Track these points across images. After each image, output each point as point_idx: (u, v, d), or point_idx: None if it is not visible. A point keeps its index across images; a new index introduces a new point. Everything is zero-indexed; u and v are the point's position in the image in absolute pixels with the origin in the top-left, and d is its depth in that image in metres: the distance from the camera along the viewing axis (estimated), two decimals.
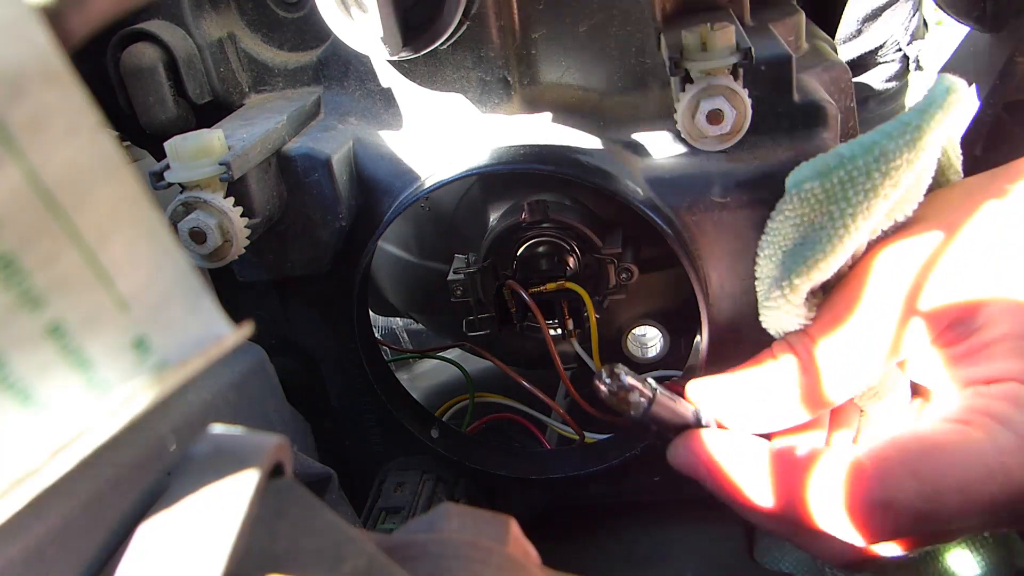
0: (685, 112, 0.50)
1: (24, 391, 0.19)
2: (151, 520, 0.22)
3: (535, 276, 0.60)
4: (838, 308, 0.46)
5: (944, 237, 0.45)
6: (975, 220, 0.45)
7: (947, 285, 0.44)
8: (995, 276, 0.43)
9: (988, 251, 0.44)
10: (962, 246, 0.44)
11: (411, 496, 0.58)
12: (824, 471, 0.43)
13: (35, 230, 0.18)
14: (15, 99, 0.17)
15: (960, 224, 0.45)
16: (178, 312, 0.20)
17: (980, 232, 0.44)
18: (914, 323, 0.44)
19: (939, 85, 0.45)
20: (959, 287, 0.44)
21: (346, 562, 0.24)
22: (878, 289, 0.45)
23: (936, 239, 0.45)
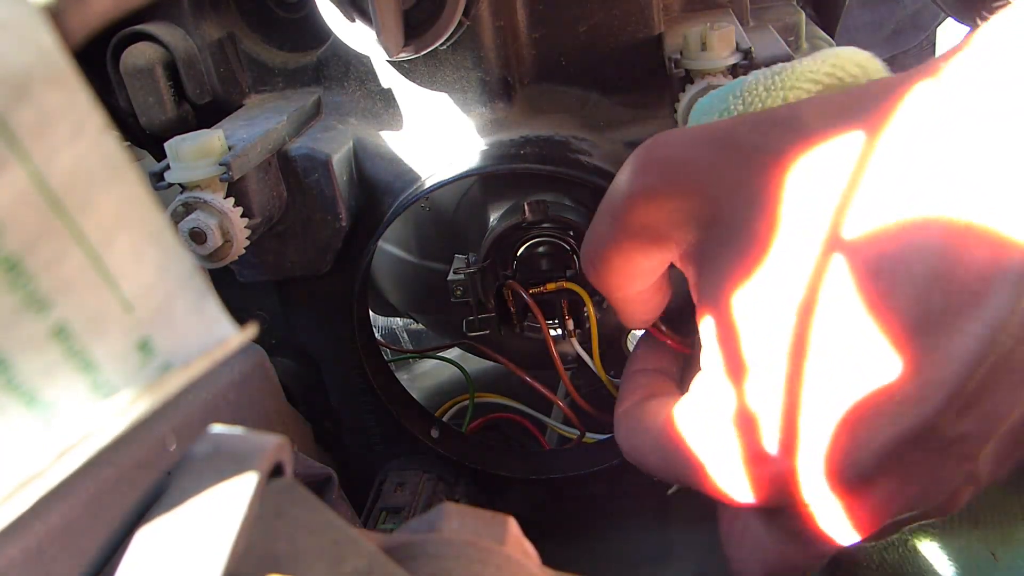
0: (685, 112, 0.50)
1: (29, 393, 0.19)
2: (151, 520, 0.22)
3: (535, 276, 0.60)
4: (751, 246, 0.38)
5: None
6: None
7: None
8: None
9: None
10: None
11: (411, 496, 0.58)
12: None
13: (40, 232, 0.18)
14: (20, 101, 0.17)
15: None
16: (182, 314, 0.20)
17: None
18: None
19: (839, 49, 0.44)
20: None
21: (346, 562, 0.24)
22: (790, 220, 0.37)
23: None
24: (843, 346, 0.34)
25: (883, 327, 0.33)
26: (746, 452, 0.37)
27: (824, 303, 0.34)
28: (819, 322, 0.34)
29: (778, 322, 0.36)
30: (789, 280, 0.36)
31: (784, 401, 0.36)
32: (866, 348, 0.33)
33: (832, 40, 0.64)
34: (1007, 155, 0.30)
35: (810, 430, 0.35)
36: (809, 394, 0.35)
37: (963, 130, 0.32)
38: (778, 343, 0.36)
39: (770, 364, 0.36)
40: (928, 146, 0.33)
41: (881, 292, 0.33)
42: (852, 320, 0.34)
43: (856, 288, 0.34)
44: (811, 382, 0.35)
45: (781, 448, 0.36)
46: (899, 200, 0.33)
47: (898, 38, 1.42)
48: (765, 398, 0.36)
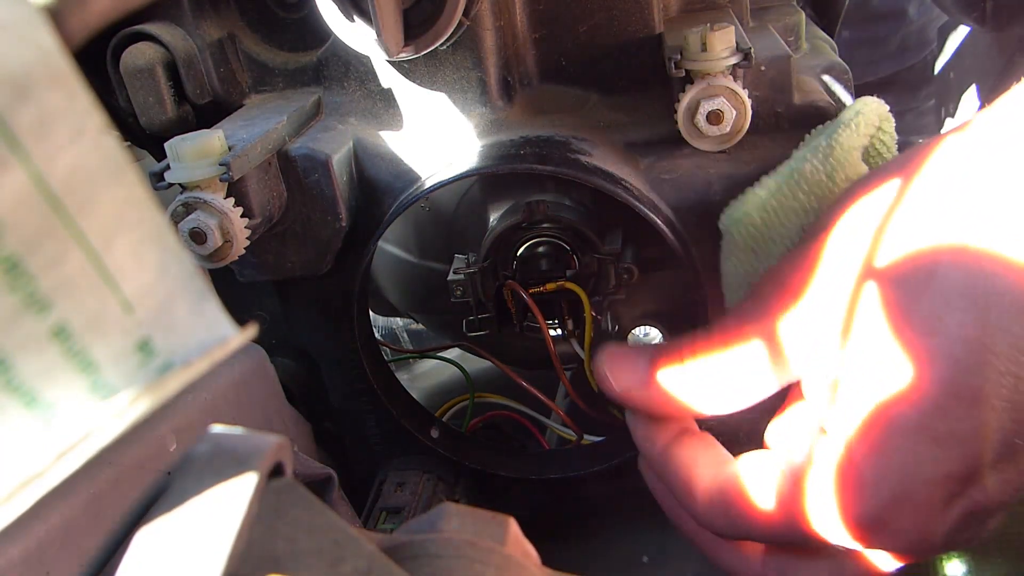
0: (685, 112, 0.50)
1: (29, 393, 0.19)
2: (151, 520, 0.22)
3: (535, 276, 0.61)
4: (794, 280, 0.43)
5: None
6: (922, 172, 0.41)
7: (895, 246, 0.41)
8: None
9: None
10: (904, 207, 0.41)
11: (411, 496, 0.59)
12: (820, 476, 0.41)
13: (40, 233, 0.18)
14: (21, 101, 0.17)
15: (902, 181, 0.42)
16: (182, 314, 0.20)
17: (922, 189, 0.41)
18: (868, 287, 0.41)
19: (849, 108, 0.50)
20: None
21: (346, 562, 0.24)
22: (832, 258, 0.42)
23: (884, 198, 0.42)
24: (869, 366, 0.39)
25: (908, 350, 0.37)
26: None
27: (859, 326, 0.39)
28: (853, 345, 0.39)
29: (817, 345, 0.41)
30: (830, 307, 0.41)
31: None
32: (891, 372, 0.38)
33: (832, 40, 0.64)
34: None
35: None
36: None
37: (990, 170, 0.37)
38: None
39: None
40: (957, 184, 0.38)
41: (914, 314, 0.38)
42: (880, 342, 0.38)
43: (887, 311, 0.38)
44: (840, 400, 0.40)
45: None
46: (930, 232, 0.38)
47: (903, 54, 1.41)
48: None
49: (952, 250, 0.38)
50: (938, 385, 0.37)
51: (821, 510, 0.40)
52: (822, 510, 0.40)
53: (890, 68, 1.40)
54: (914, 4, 1.37)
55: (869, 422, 0.39)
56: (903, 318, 0.38)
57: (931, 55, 1.46)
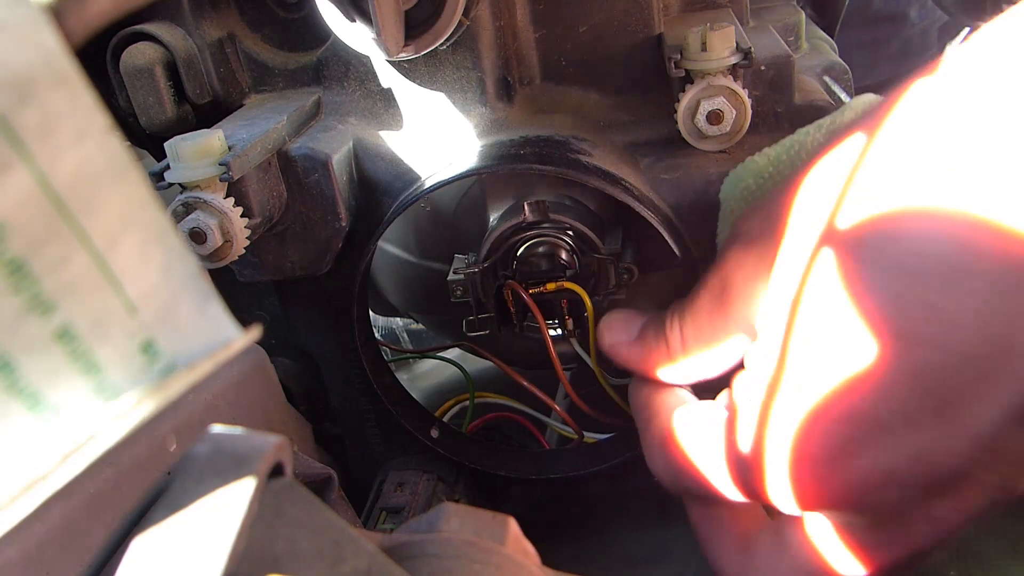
0: (685, 112, 0.50)
1: (33, 395, 0.19)
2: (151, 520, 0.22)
3: (535, 276, 0.60)
4: (753, 243, 0.41)
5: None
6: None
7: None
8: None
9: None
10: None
11: (411, 496, 0.58)
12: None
13: (45, 234, 0.18)
14: (25, 103, 0.17)
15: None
16: (186, 316, 0.20)
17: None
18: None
19: (855, 100, 0.49)
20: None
21: (346, 562, 0.24)
22: (792, 218, 0.39)
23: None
24: (826, 335, 0.34)
25: (865, 318, 0.32)
26: (727, 442, 0.39)
27: (812, 296, 0.34)
28: (806, 314, 0.35)
29: (774, 317, 0.37)
30: (786, 277, 0.36)
31: (766, 393, 0.36)
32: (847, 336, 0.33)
33: (832, 40, 0.64)
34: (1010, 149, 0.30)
35: (778, 421, 0.35)
36: (786, 386, 0.35)
37: (962, 124, 0.32)
38: (770, 339, 0.37)
39: (761, 358, 0.37)
40: (924, 139, 0.33)
41: (869, 284, 0.33)
42: (836, 310, 0.33)
43: (842, 279, 0.33)
44: (790, 373, 0.35)
45: (754, 441, 0.37)
46: (889, 197, 0.33)
47: (904, 57, 1.41)
48: (751, 391, 0.38)
49: (919, 214, 0.32)
50: (896, 371, 0.32)
51: (762, 476, 0.37)
52: (766, 477, 0.37)
53: (891, 71, 1.40)
54: (916, 7, 1.37)
55: (816, 405, 0.34)
56: (860, 289, 0.33)
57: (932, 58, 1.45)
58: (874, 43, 1.38)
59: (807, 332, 0.35)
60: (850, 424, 0.33)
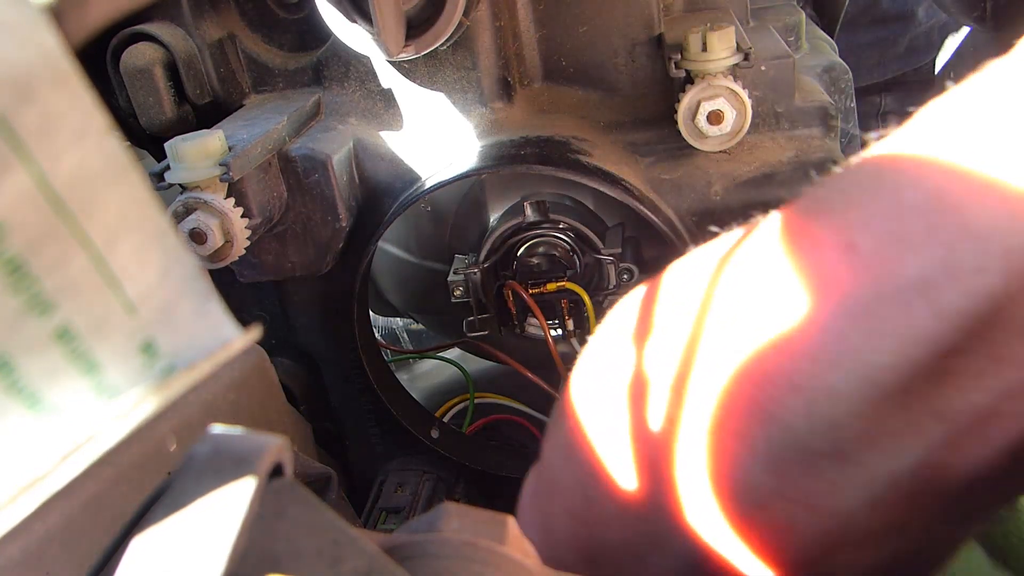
0: (686, 113, 0.50)
1: (33, 395, 0.19)
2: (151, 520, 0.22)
3: (535, 276, 0.61)
4: None
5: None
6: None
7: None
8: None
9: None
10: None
11: (411, 496, 0.59)
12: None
13: (44, 234, 0.18)
14: (24, 103, 0.17)
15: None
16: (186, 315, 0.20)
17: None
18: None
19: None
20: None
21: (346, 562, 0.24)
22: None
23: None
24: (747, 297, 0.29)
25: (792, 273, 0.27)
26: (633, 420, 0.31)
27: (736, 258, 0.30)
28: (726, 279, 0.30)
29: (692, 281, 0.32)
30: (715, 243, 0.32)
31: (679, 364, 0.30)
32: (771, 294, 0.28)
33: (832, 40, 0.64)
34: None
35: (695, 396, 0.29)
36: (704, 354, 0.29)
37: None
38: (685, 301, 0.31)
39: (674, 322, 0.31)
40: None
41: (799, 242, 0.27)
42: (761, 270, 0.29)
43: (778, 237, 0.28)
44: (708, 341, 0.29)
45: (666, 417, 0.30)
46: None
47: (911, 55, 1.41)
48: (661, 361, 0.31)
49: (875, 225, 0.26)
50: (829, 328, 0.26)
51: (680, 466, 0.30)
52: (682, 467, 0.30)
53: (898, 69, 1.40)
54: (923, 6, 1.38)
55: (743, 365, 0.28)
56: (803, 233, 0.28)
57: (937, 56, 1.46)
58: (882, 42, 1.38)
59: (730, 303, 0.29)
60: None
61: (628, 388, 0.32)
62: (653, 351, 0.31)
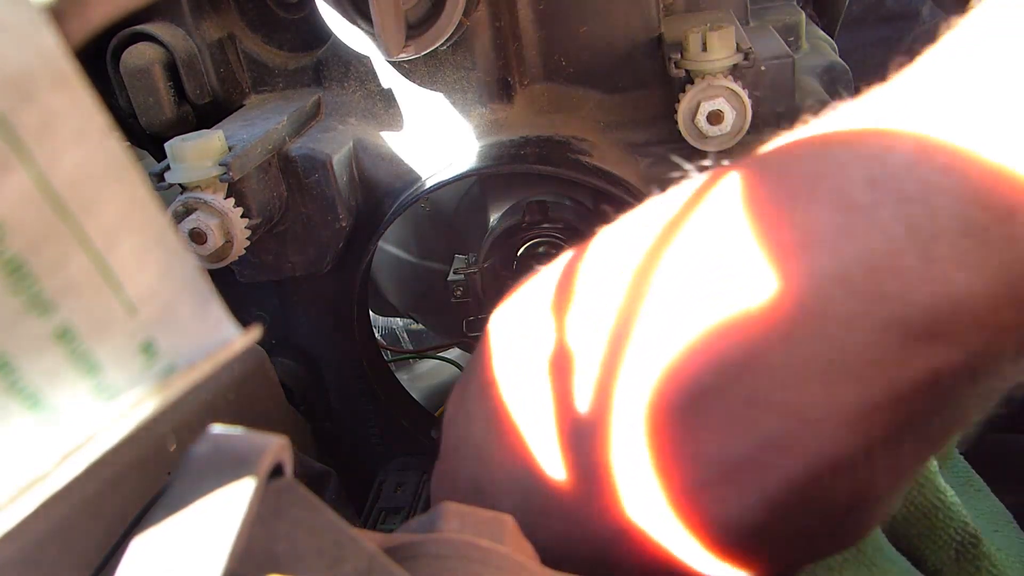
0: (686, 113, 0.50)
1: (32, 396, 0.19)
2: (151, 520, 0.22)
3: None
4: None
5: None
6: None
7: None
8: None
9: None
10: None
11: (411, 496, 0.58)
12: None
13: (44, 234, 0.18)
14: (24, 103, 0.17)
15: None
16: (186, 316, 0.21)
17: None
18: None
19: None
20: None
21: (346, 562, 0.24)
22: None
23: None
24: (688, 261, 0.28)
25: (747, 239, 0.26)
26: (558, 397, 0.30)
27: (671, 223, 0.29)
28: (664, 242, 0.29)
29: (623, 245, 0.30)
30: (648, 206, 0.32)
31: (612, 334, 0.28)
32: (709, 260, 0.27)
33: (832, 40, 0.64)
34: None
35: (630, 368, 0.28)
36: (640, 325, 0.28)
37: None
38: (617, 266, 0.30)
39: (604, 292, 0.30)
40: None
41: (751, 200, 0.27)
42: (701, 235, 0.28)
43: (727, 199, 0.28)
44: (645, 310, 0.28)
45: (596, 392, 0.28)
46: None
47: (916, 54, 1.42)
48: (589, 332, 0.29)
49: (859, 134, 0.27)
50: (799, 311, 0.25)
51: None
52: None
53: (902, 67, 1.41)
54: (927, 5, 1.38)
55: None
56: (771, 214, 0.27)
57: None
58: (887, 40, 1.39)
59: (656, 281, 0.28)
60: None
61: (550, 361, 0.30)
62: (581, 322, 0.29)
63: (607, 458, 0.28)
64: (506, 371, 0.32)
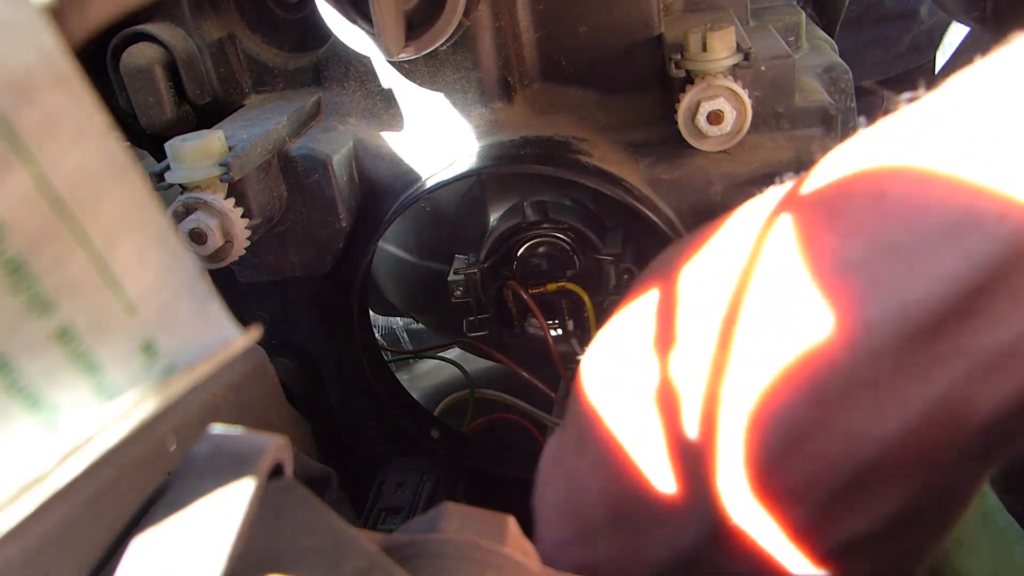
0: (686, 113, 0.50)
1: (33, 396, 0.19)
2: (151, 520, 0.22)
3: (535, 277, 0.61)
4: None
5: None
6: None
7: None
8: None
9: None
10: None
11: (411, 496, 0.58)
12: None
13: (44, 234, 0.18)
14: (24, 103, 0.17)
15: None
16: (186, 316, 0.21)
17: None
18: None
19: None
20: None
21: (346, 562, 0.24)
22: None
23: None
24: (776, 306, 0.31)
25: (819, 286, 0.30)
26: (667, 431, 0.33)
27: (760, 267, 0.32)
28: (754, 287, 0.32)
29: (714, 288, 0.33)
30: (731, 245, 0.34)
31: (711, 373, 0.32)
32: (798, 306, 0.30)
33: (832, 40, 0.64)
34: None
35: (731, 405, 0.31)
36: (737, 363, 0.31)
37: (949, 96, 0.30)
38: (710, 310, 0.33)
39: (700, 334, 0.33)
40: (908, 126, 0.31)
41: (819, 251, 0.30)
42: (787, 281, 0.30)
43: (796, 247, 0.30)
44: (740, 349, 0.31)
45: (702, 425, 0.32)
46: (838, 163, 0.31)
47: (913, 54, 1.42)
48: (691, 371, 0.33)
49: (906, 174, 0.28)
50: (858, 346, 0.28)
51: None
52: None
53: (901, 67, 1.41)
54: (926, 4, 1.39)
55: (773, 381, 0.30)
56: (826, 259, 0.30)
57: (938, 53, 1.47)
58: (886, 40, 1.39)
59: (760, 310, 0.31)
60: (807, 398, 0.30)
61: (657, 396, 0.34)
62: (679, 363, 0.33)
63: (717, 478, 0.32)
64: (612, 411, 0.36)
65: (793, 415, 0.30)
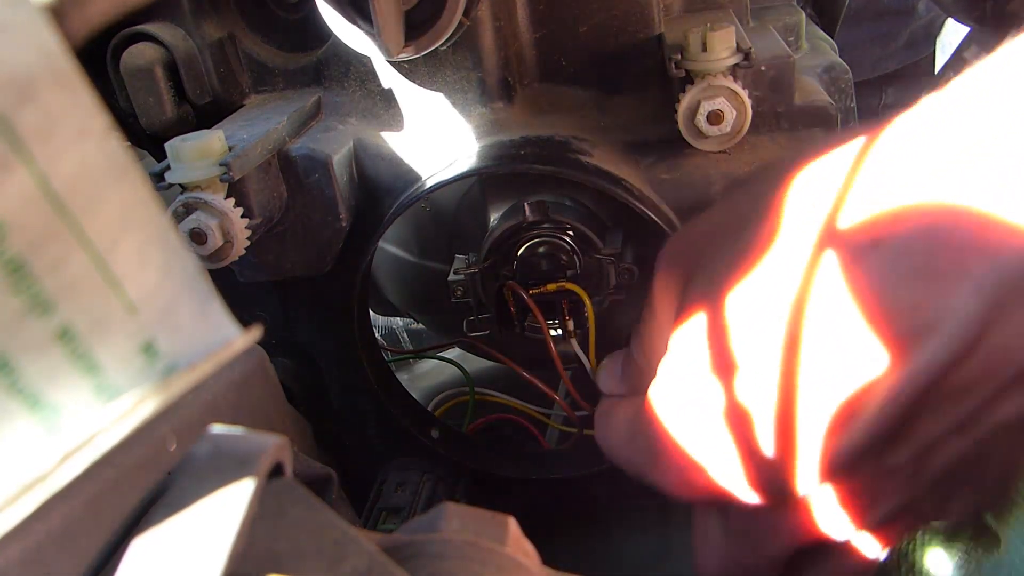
0: (686, 112, 0.50)
1: (33, 396, 0.19)
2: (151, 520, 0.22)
3: (535, 276, 0.60)
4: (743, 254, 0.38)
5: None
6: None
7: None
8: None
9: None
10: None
11: (411, 496, 0.59)
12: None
13: (44, 234, 0.18)
14: (24, 103, 0.17)
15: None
16: (187, 316, 0.21)
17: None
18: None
19: None
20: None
21: (346, 562, 0.24)
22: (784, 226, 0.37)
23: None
24: (835, 338, 0.34)
25: (870, 320, 0.32)
26: (741, 448, 0.37)
27: (817, 297, 0.34)
28: (812, 316, 0.34)
29: (772, 317, 0.35)
30: (785, 275, 0.36)
31: (779, 398, 0.35)
32: (855, 340, 0.33)
33: (832, 40, 0.64)
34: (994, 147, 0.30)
35: (804, 426, 0.35)
36: (803, 390, 0.35)
37: (950, 130, 0.32)
38: (771, 339, 0.35)
39: (763, 361, 0.36)
40: (916, 145, 0.33)
41: (870, 283, 0.32)
42: (842, 312, 0.33)
43: (846, 280, 0.33)
44: (805, 377, 0.34)
45: (777, 444, 0.36)
46: (890, 193, 0.33)
47: (911, 49, 1.42)
48: (758, 395, 0.36)
49: (953, 211, 0.30)
50: (908, 384, 0.31)
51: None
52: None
53: (899, 63, 1.41)
54: (923, 1, 1.39)
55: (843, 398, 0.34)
56: (870, 296, 0.32)
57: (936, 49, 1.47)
58: (883, 36, 1.39)
59: (827, 329, 0.34)
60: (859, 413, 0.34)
61: (726, 416, 0.37)
62: (746, 387, 0.36)
63: (796, 477, 0.36)
64: (686, 432, 0.40)
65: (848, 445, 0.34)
